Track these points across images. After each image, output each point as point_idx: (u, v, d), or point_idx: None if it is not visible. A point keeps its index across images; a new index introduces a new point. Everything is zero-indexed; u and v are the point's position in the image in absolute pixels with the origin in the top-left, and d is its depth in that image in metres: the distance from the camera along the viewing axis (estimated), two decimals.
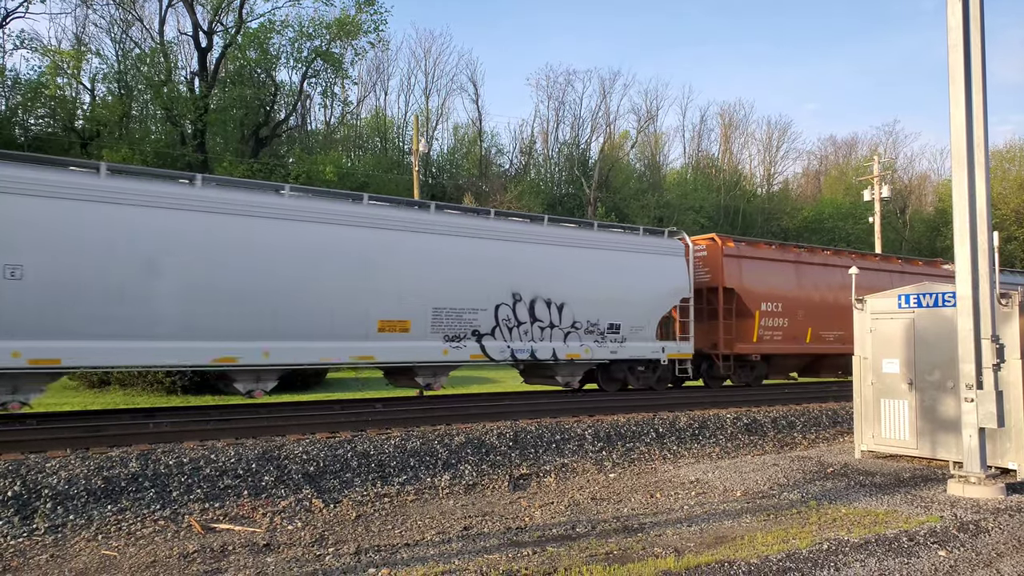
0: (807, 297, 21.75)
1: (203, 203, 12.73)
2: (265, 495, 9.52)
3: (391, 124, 60.16)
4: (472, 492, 10.51)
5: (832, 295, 22.15)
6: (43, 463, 9.24)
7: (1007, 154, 67.03)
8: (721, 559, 6.79)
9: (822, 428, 16.15)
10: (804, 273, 22.01)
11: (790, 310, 21.20)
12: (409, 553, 7.35)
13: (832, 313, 21.94)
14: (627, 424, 13.95)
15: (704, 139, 75.11)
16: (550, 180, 64.07)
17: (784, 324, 21.10)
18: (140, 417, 13.19)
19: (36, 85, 39.37)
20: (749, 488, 10.39)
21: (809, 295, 21.80)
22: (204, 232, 12.61)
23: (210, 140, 42.37)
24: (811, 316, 21.59)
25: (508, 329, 16.02)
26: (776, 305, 20.92)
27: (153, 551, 7.52)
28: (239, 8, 42.83)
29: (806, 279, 21.95)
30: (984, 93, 10.04)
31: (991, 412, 9.53)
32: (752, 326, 20.51)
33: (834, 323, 21.86)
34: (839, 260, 23.12)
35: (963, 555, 7.20)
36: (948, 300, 11.59)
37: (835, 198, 68.79)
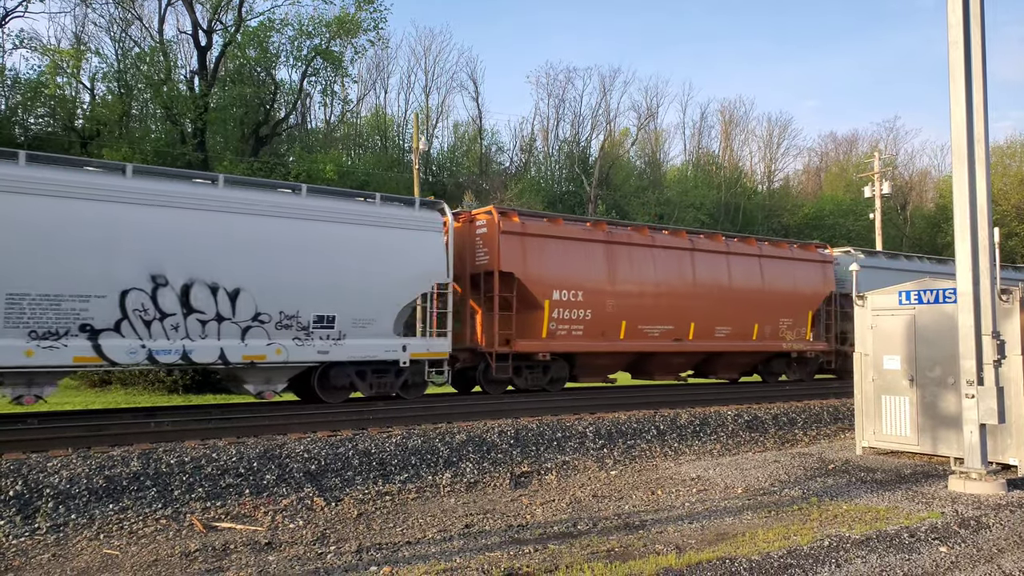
0: (623, 285, 18.67)
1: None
2: (267, 494, 9.53)
3: (391, 122, 60.14)
4: (473, 490, 10.52)
5: (683, 284, 19.75)
6: (45, 462, 9.25)
7: (1007, 150, 66.99)
8: (722, 556, 6.80)
9: (823, 425, 16.15)
10: (619, 256, 18.80)
11: (595, 300, 18.08)
12: (411, 551, 7.36)
13: (677, 304, 19.49)
14: (628, 421, 13.95)
15: (704, 136, 75.12)
16: (550, 178, 64.05)
17: (587, 316, 17.89)
18: (141, 416, 13.20)
19: (36, 84, 39.34)
20: (750, 485, 10.40)
21: (626, 282, 18.71)
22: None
23: (210, 139, 42.33)
24: (629, 308, 18.63)
25: (145, 323, 12.61)
26: (574, 294, 17.76)
27: (155, 550, 7.53)
28: (238, 7, 42.78)
29: (624, 263, 18.81)
30: (984, 89, 10.03)
31: (992, 408, 9.53)
32: (540, 319, 17.33)
33: (718, 318, 20.24)
34: (679, 242, 20.28)
35: (964, 551, 7.20)
36: (949, 296, 11.58)
37: (836, 195, 68.74)
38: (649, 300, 19.15)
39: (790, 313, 21.81)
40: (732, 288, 20.76)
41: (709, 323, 20.22)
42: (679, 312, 19.50)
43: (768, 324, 21.46)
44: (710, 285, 20.33)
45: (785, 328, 21.78)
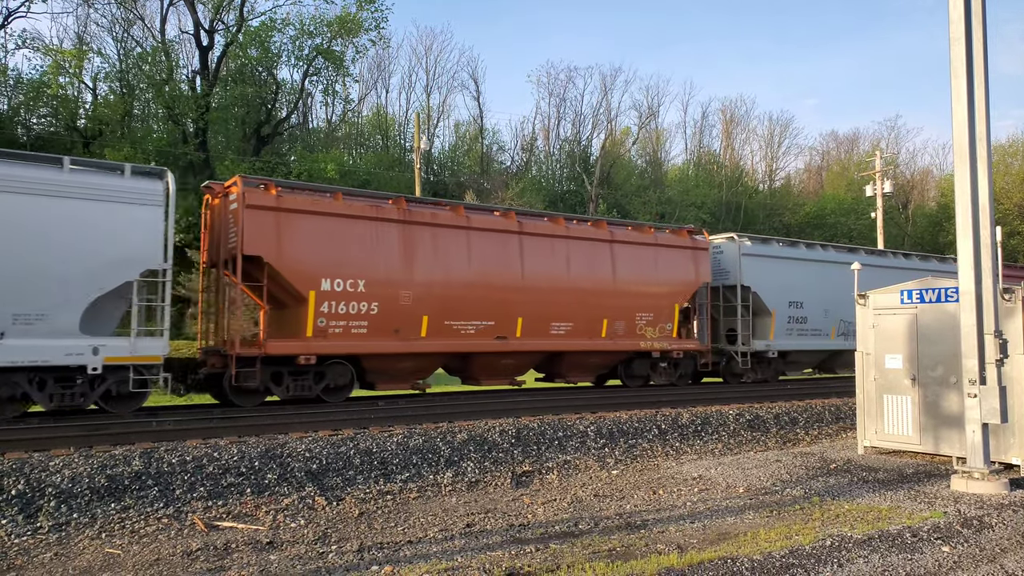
0: (426, 273, 15.91)
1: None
2: (268, 493, 9.54)
3: (392, 122, 60.18)
4: (475, 489, 10.52)
5: (508, 273, 17.08)
6: (47, 461, 9.25)
7: (1009, 148, 66.93)
8: (724, 555, 6.79)
9: (825, 424, 16.14)
10: (421, 239, 16.00)
11: (384, 291, 15.30)
12: (412, 550, 7.36)
13: (499, 297, 16.84)
14: (629, 421, 13.95)
15: (706, 135, 75.10)
16: (551, 177, 64.04)
17: (372, 311, 15.14)
18: (143, 415, 13.20)
19: (38, 84, 39.42)
20: (752, 484, 10.39)
21: (431, 271, 15.99)
22: None
23: (212, 139, 42.40)
24: (435, 301, 15.96)
25: None
26: (354, 284, 14.93)
27: (157, 549, 7.53)
28: (240, 6, 42.84)
29: (426, 248, 16.04)
30: (986, 87, 10.02)
31: (994, 408, 9.51)
32: (304, 314, 14.61)
33: (553, 312, 17.63)
34: (504, 223, 17.43)
35: (967, 551, 7.19)
36: (951, 295, 11.57)
37: (837, 194, 68.65)
38: (462, 291, 16.37)
39: (650, 307, 19.23)
40: (573, 278, 18.05)
41: (542, 319, 17.55)
42: (502, 306, 16.93)
43: (621, 320, 18.77)
44: (544, 274, 17.60)
45: (644, 324, 19.11)
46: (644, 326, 19.16)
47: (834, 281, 22.11)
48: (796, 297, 21.98)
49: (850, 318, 21.66)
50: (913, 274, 23.25)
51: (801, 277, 22.21)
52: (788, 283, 21.82)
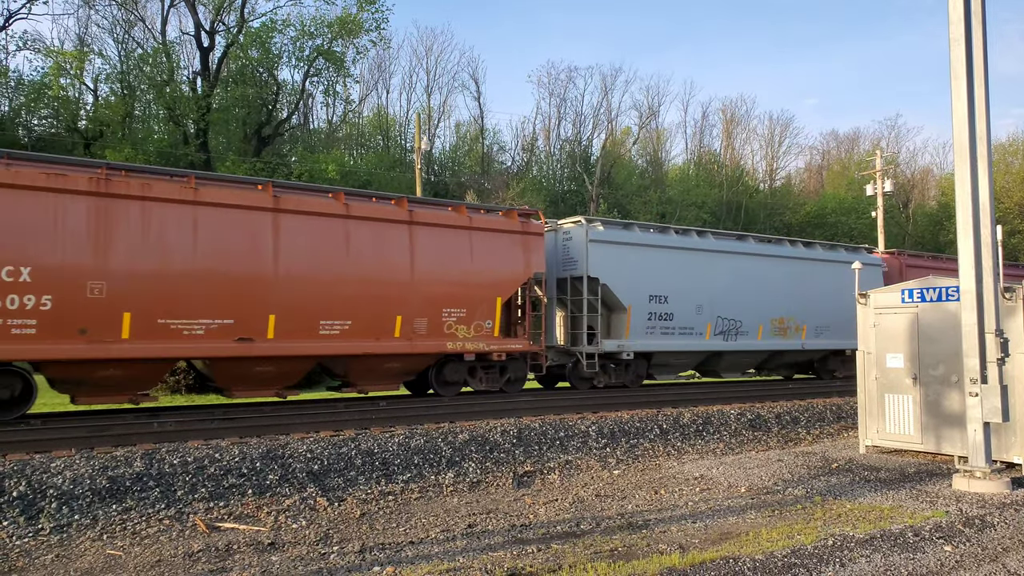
0: (129, 259, 12.80)
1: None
2: (270, 494, 9.54)
3: (393, 122, 60.16)
4: (476, 490, 10.52)
5: (254, 258, 13.98)
6: (48, 463, 9.26)
7: (1010, 147, 66.88)
8: (726, 555, 6.79)
9: (826, 424, 16.13)
10: (123, 217, 12.85)
11: (61, 281, 12.27)
12: (414, 551, 7.36)
13: (240, 289, 13.78)
14: (631, 421, 13.95)
15: (706, 135, 75.07)
16: (552, 177, 64.02)
17: (44, 306, 12.09)
18: (144, 416, 13.21)
19: (39, 86, 39.44)
20: (753, 484, 10.39)
21: (136, 255, 12.87)
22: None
23: (213, 139, 42.42)
24: (142, 293, 12.87)
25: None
26: (13, 272, 11.92)
27: (158, 550, 7.54)
28: (241, 7, 42.89)
29: (131, 227, 12.91)
30: (986, 86, 10.01)
31: (996, 407, 9.50)
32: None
33: (323, 308, 14.56)
34: (250, 199, 14.09)
35: (969, 550, 7.19)
36: (952, 294, 11.56)
37: (837, 193, 68.61)
38: (186, 283, 13.28)
39: (463, 301, 16.22)
40: (354, 267, 14.94)
41: (307, 316, 14.44)
42: (246, 301, 13.84)
43: (423, 316, 15.70)
44: (310, 262, 14.52)
45: (455, 322, 16.10)
46: (454, 324, 16.16)
47: (710, 273, 20.11)
48: (659, 291, 19.19)
49: (731, 314, 20.39)
50: (816, 265, 22.47)
51: (666, 268, 19.45)
52: (648, 275, 19.08)
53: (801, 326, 22.05)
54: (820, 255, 23.15)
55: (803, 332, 22.11)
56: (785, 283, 21.68)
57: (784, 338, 21.76)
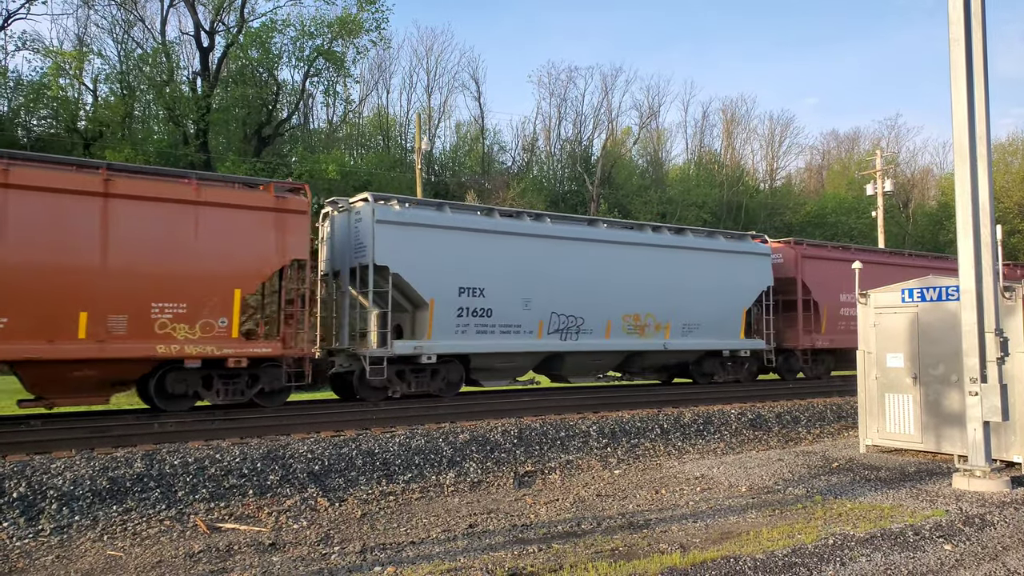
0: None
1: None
2: (270, 494, 9.54)
3: (393, 122, 60.17)
4: (477, 490, 10.52)
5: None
6: (48, 464, 9.26)
7: (1009, 147, 66.91)
8: (727, 555, 6.79)
9: (826, 423, 16.14)
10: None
11: None
12: (414, 551, 7.36)
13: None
14: (632, 420, 13.95)
15: (706, 135, 75.11)
16: (553, 177, 64.03)
17: None
18: (145, 417, 13.21)
19: (38, 86, 39.44)
20: (754, 483, 10.39)
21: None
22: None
23: (213, 140, 42.42)
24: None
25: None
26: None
27: (159, 551, 7.54)
28: (240, 7, 42.91)
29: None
30: (986, 86, 10.01)
31: (995, 406, 9.51)
32: None
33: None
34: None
35: (969, 549, 7.19)
36: (952, 294, 11.56)
37: (838, 193, 68.63)
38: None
39: (182, 294, 13.21)
40: (7, 248, 11.92)
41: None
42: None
43: (120, 312, 12.71)
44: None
45: (171, 319, 13.08)
46: (171, 322, 13.15)
47: (543, 262, 17.39)
48: (472, 282, 16.35)
49: (570, 310, 17.78)
50: (686, 254, 19.80)
51: (482, 256, 16.57)
52: (458, 263, 16.20)
53: (664, 324, 19.31)
54: (691, 243, 20.39)
55: (667, 331, 19.38)
56: (644, 275, 18.98)
57: (641, 337, 19.03)
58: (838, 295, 22.87)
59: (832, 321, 22.99)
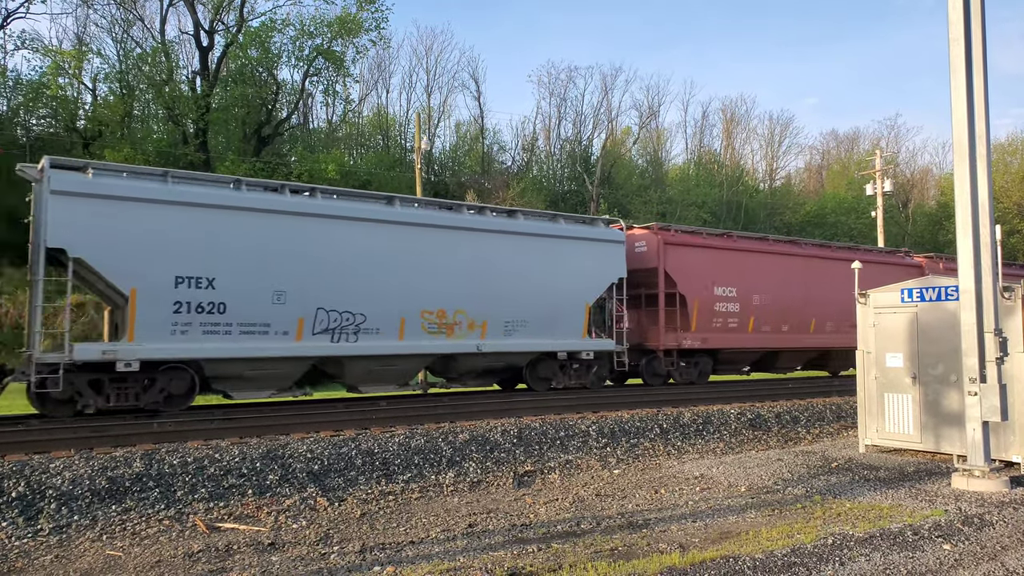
0: None
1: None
2: (270, 494, 9.54)
3: (393, 122, 60.13)
4: (477, 489, 10.52)
5: None
6: (47, 464, 9.26)
7: (1008, 147, 66.93)
8: (726, 554, 6.79)
9: (826, 423, 16.14)
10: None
11: None
12: (414, 551, 7.36)
13: None
14: (631, 420, 13.95)
15: (706, 135, 75.12)
16: (552, 177, 64.00)
17: None
18: (144, 417, 13.20)
19: (37, 85, 39.40)
20: (753, 483, 10.39)
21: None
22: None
23: (212, 139, 42.39)
24: None
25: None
26: None
27: (158, 551, 7.54)
28: (240, 7, 42.89)
29: None
30: (985, 86, 10.02)
31: (995, 406, 9.51)
32: None
33: None
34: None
35: (968, 549, 7.19)
36: (951, 294, 11.57)
37: (837, 192, 68.68)
38: None
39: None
40: None
41: None
42: None
43: None
44: None
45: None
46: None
47: (304, 246, 14.36)
48: (196, 270, 13.36)
49: (344, 305, 14.65)
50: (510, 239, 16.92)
51: (211, 237, 13.57)
52: (177, 246, 13.23)
53: (479, 322, 16.25)
54: (517, 227, 17.28)
55: (483, 330, 16.33)
56: (451, 264, 15.93)
57: (449, 338, 15.97)
58: (712, 288, 20.40)
59: (705, 317, 20.29)
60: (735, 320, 20.35)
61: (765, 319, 21.48)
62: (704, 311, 20.19)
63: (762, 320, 21.42)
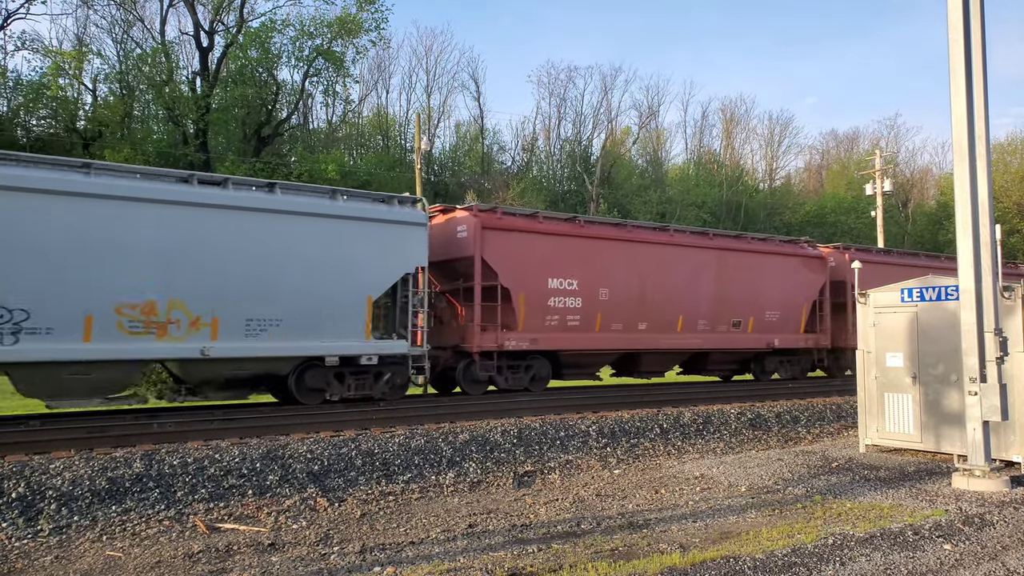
0: None
1: None
2: (270, 494, 9.53)
3: (393, 122, 60.21)
4: (477, 490, 10.52)
5: None
6: (47, 464, 9.25)
7: (1008, 147, 66.96)
8: (726, 555, 6.78)
9: (826, 423, 16.13)
10: None
11: None
12: (414, 551, 7.35)
13: None
14: (631, 420, 13.95)
15: (706, 135, 75.23)
16: (552, 177, 64.08)
17: None
18: (144, 417, 13.20)
19: (38, 86, 39.43)
20: (754, 483, 10.38)
21: None
22: None
23: (212, 139, 42.44)
24: None
25: None
26: None
27: (158, 551, 7.53)
28: (240, 7, 42.92)
29: None
30: (985, 86, 10.01)
31: (995, 405, 9.50)
32: None
33: None
34: None
35: (968, 548, 7.19)
36: (951, 293, 11.56)
37: (837, 192, 68.74)
38: None
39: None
40: None
41: None
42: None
43: None
44: None
45: None
46: None
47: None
48: None
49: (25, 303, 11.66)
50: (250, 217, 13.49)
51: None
52: None
53: (207, 319, 13.17)
54: (273, 203, 13.98)
55: (213, 329, 13.24)
56: (164, 245, 12.83)
57: (160, 339, 12.82)
58: (545, 280, 17.11)
59: (536, 314, 17.04)
60: (575, 316, 17.42)
61: (616, 316, 18.27)
62: (535, 307, 17.08)
63: (612, 318, 18.23)
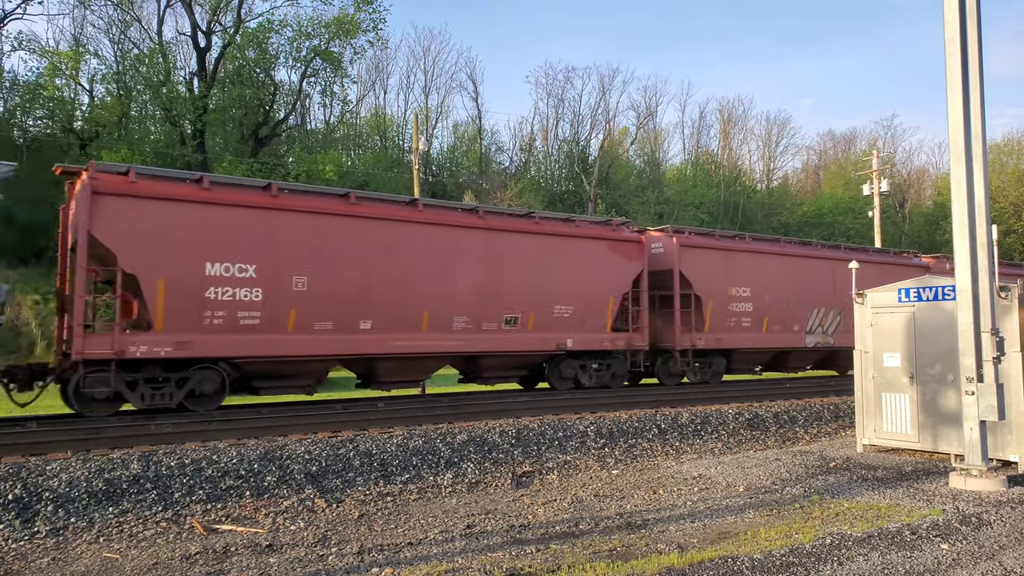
0: None
1: None
2: (267, 495, 9.52)
3: (391, 123, 60.18)
4: (475, 490, 10.51)
5: None
6: (44, 466, 9.23)
7: (1005, 147, 66.99)
8: (724, 555, 6.79)
9: (824, 423, 16.14)
10: None
11: None
12: (412, 552, 7.35)
13: None
14: (629, 420, 13.94)
15: (703, 135, 75.26)
16: (550, 177, 64.07)
17: None
18: (141, 418, 13.18)
19: (34, 86, 39.34)
20: (752, 483, 10.39)
21: None
22: None
23: (209, 140, 42.38)
24: None
25: None
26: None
27: (155, 553, 7.52)
28: (237, 8, 42.86)
29: None
30: (981, 86, 10.03)
31: (992, 405, 9.52)
32: None
33: None
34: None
35: (966, 548, 7.19)
36: (948, 293, 11.57)
37: (834, 193, 68.77)
38: None
39: None
40: None
41: None
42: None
43: None
44: None
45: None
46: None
47: None
48: None
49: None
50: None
51: None
52: None
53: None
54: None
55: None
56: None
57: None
58: (203, 264, 13.19)
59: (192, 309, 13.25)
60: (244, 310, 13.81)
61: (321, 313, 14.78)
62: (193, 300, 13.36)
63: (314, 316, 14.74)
